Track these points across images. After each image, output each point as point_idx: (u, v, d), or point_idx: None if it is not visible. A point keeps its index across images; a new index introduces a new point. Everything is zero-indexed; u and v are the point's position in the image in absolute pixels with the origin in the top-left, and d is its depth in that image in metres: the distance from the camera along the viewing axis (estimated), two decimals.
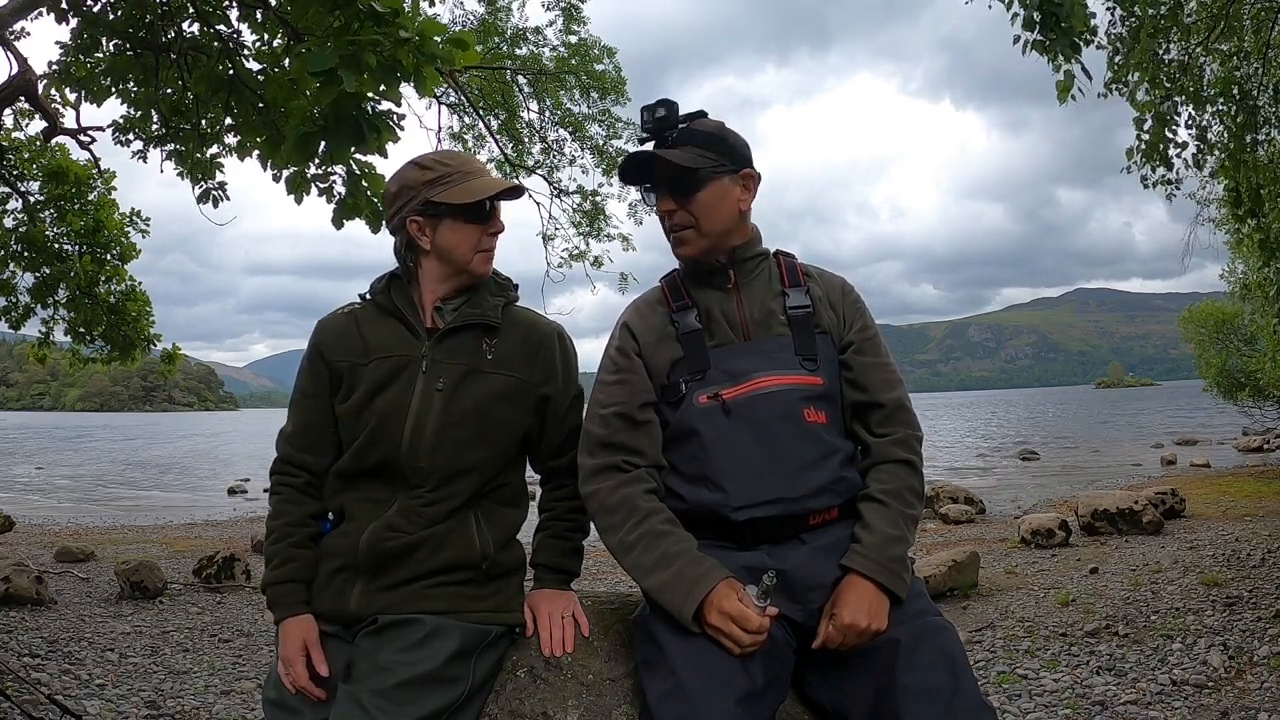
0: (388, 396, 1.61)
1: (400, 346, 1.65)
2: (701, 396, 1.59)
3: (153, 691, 4.23)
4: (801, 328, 1.65)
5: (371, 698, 1.41)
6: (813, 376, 1.61)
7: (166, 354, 9.66)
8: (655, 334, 1.67)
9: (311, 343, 1.71)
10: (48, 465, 30.17)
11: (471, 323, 1.66)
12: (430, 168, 1.65)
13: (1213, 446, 20.63)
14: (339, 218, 4.11)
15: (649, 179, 1.67)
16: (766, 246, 1.75)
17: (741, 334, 1.65)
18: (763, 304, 1.67)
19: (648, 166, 1.66)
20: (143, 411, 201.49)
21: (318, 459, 1.68)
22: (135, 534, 11.65)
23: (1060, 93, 4.78)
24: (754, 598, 1.39)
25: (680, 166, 1.61)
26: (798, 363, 1.62)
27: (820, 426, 1.59)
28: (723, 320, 1.66)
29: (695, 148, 1.62)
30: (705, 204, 1.63)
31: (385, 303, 1.69)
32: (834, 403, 1.63)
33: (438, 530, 1.57)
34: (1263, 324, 12.28)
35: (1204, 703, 3.62)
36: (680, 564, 1.46)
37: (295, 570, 1.61)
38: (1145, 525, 7.82)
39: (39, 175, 8.30)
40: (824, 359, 1.64)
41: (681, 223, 1.64)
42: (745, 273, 1.69)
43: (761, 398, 1.58)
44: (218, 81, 4.24)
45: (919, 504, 1.61)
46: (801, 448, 1.56)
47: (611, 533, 1.55)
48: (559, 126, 11.29)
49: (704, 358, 1.62)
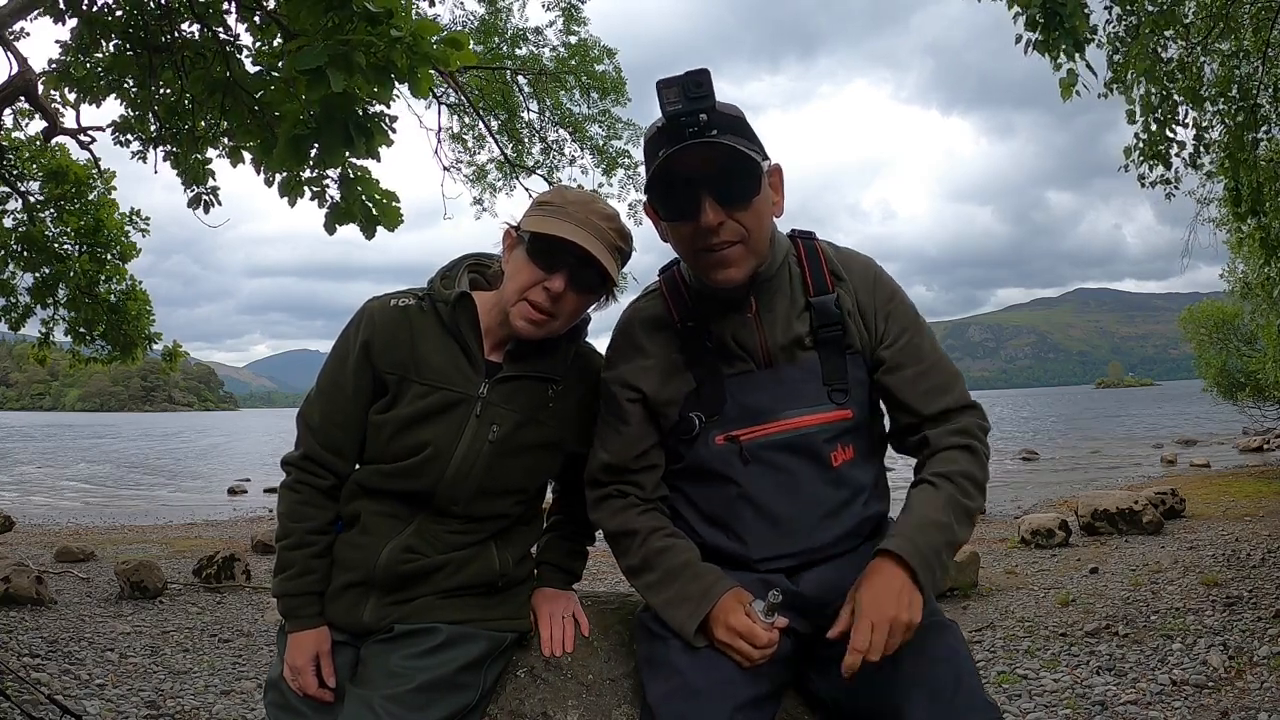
0: (434, 431, 1.50)
1: (456, 379, 1.52)
2: (718, 437, 1.44)
3: (153, 691, 4.23)
4: (830, 349, 1.45)
5: (384, 703, 1.40)
6: (842, 410, 1.44)
7: (168, 352, 9.67)
8: (660, 370, 1.48)
9: (359, 337, 1.54)
10: (47, 465, 30.16)
11: (537, 375, 1.55)
12: (549, 195, 1.52)
13: (1213, 446, 20.61)
14: (331, 222, 4.04)
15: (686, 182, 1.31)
16: (782, 233, 1.51)
17: (762, 358, 1.45)
18: (786, 324, 1.45)
19: (693, 164, 1.29)
20: (143, 411, 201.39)
21: (345, 464, 1.58)
22: (135, 534, 11.64)
23: (1064, 90, 4.79)
24: (760, 613, 1.35)
25: (743, 163, 1.29)
26: (825, 395, 1.44)
27: (848, 464, 1.45)
28: (740, 348, 1.46)
29: (736, 136, 1.30)
30: (759, 211, 1.35)
31: (449, 321, 1.53)
32: (865, 431, 1.49)
33: (457, 556, 1.54)
34: (1263, 324, 12.28)
35: (1204, 703, 3.62)
36: (681, 582, 1.41)
37: (314, 582, 1.54)
38: (1145, 525, 7.82)
39: (39, 175, 8.31)
40: (854, 382, 1.46)
41: (731, 237, 1.33)
42: (766, 292, 1.45)
43: (784, 443, 1.43)
44: (213, 83, 4.23)
45: (978, 495, 1.40)
46: (827, 493, 1.44)
47: (621, 559, 1.52)
48: (559, 127, 11.29)
49: (720, 391, 1.45)
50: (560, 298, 1.44)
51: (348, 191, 3.94)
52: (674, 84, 1.26)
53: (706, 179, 1.29)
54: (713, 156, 1.28)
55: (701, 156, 1.27)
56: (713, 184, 1.29)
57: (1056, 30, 4.26)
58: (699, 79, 1.25)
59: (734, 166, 1.29)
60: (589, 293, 1.50)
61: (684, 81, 1.26)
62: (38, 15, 4.95)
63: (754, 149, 1.31)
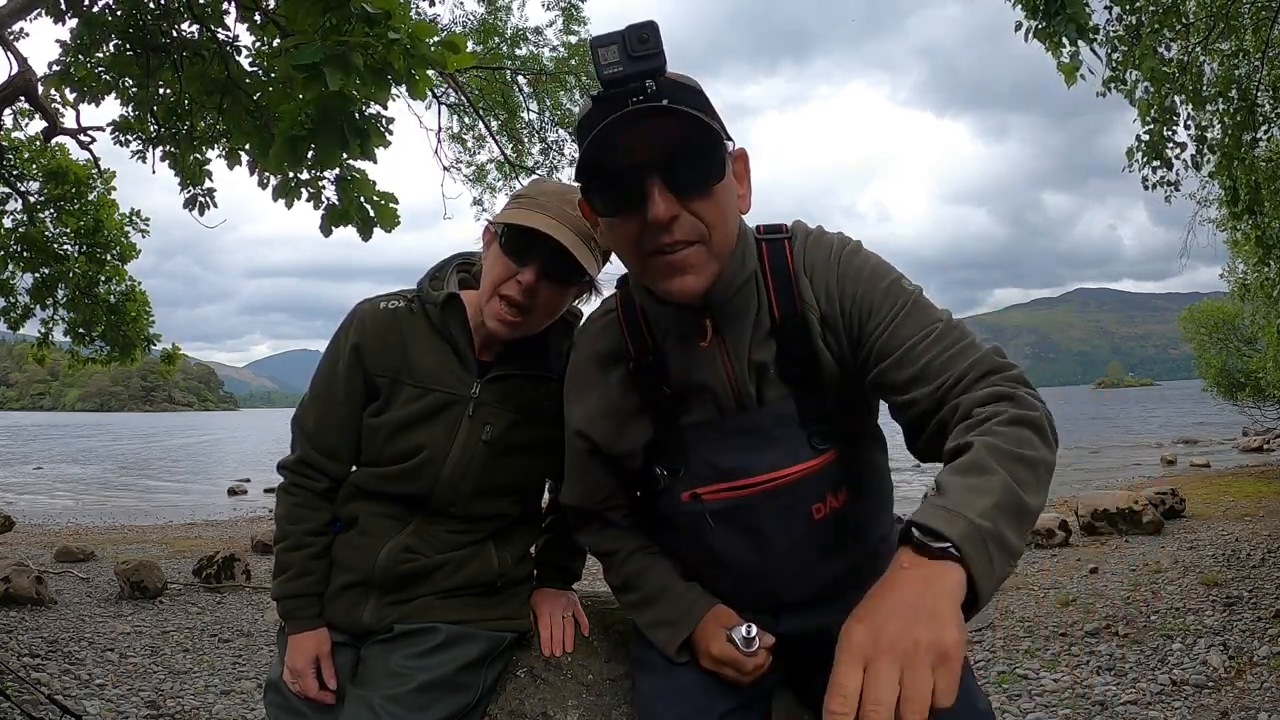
0: (428, 434, 1.50)
1: (448, 380, 1.51)
2: (684, 494, 1.26)
3: (153, 691, 4.23)
4: (806, 387, 1.19)
5: (384, 703, 1.40)
6: (822, 456, 1.21)
7: (166, 354, 9.67)
8: (615, 415, 1.27)
9: (349, 340, 1.54)
10: (48, 465, 30.16)
11: (530, 374, 1.53)
12: (525, 188, 1.48)
13: (1213, 446, 20.61)
14: (327, 224, 4.02)
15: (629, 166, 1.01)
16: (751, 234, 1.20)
17: (729, 400, 1.20)
18: (750, 355, 1.19)
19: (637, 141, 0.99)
20: (142, 411, 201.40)
21: (340, 467, 1.58)
22: (135, 534, 11.64)
23: (1068, 75, 4.80)
24: (739, 642, 1.29)
25: (702, 138, 0.99)
26: (804, 440, 1.20)
27: (835, 511, 1.25)
28: (701, 390, 1.21)
29: (691, 109, 0.98)
30: (722, 202, 1.05)
31: (438, 322, 1.52)
32: (854, 460, 1.26)
33: (456, 556, 1.54)
34: (1264, 324, 12.28)
35: (1204, 703, 3.62)
36: (659, 605, 1.37)
37: (312, 584, 1.55)
38: (1145, 525, 7.82)
39: (39, 175, 8.31)
40: (838, 410, 1.21)
41: (688, 235, 1.03)
42: (727, 315, 1.17)
43: (757, 503, 1.22)
44: (211, 83, 4.23)
45: (1028, 438, 0.91)
46: (809, 547, 1.27)
47: (605, 575, 1.49)
48: (559, 127, 11.28)
49: (680, 443, 1.24)
50: (533, 291, 1.40)
51: (344, 193, 3.94)
52: (612, 41, 0.95)
53: (655, 161, 0.99)
54: (663, 131, 0.97)
55: (648, 131, 0.97)
56: (663, 167, 0.99)
57: (1058, 15, 4.26)
58: (644, 34, 0.94)
59: (690, 144, 0.99)
60: (563, 285, 1.44)
61: (625, 36, 0.94)
62: (38, 15, 4.95)
63: (715, 122, 1.01)
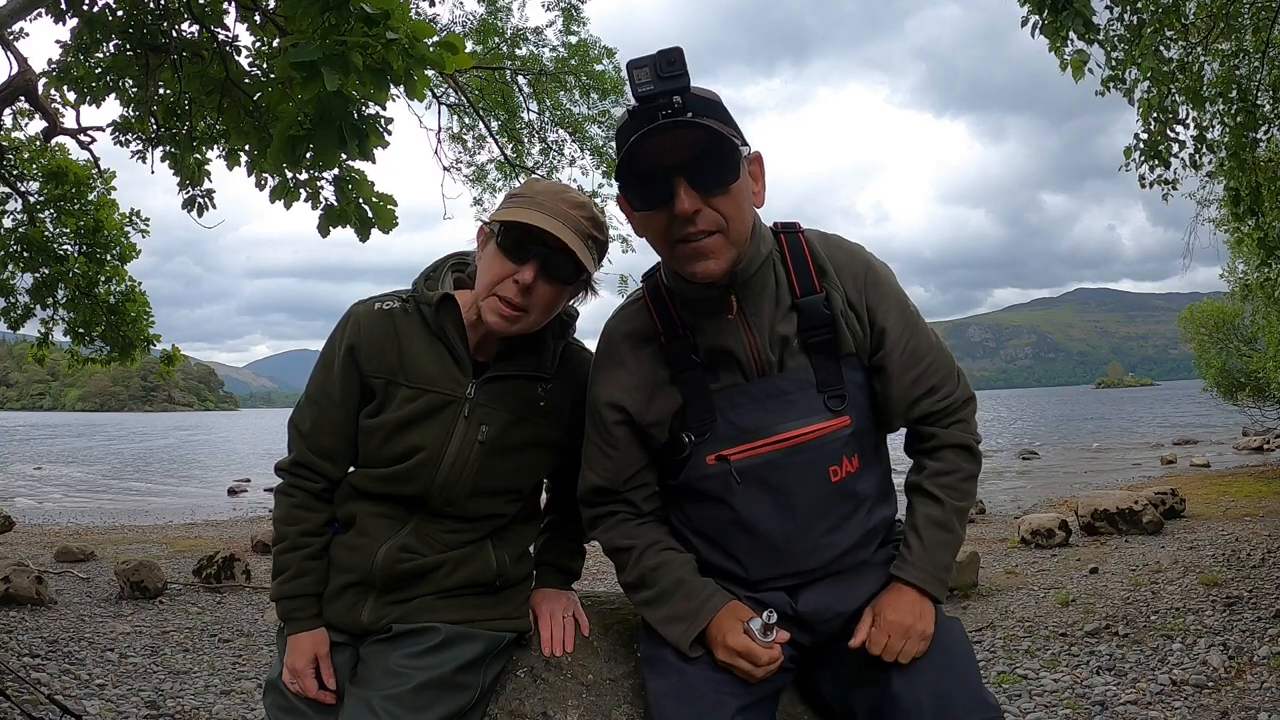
0: (424, 434, 1.50)
1: (443, 381, 1.51)
2: (709, 457, 1.37)
3: (153, 691, 4.23)
4: (822, 354, 1.37)
5: (383, 703, 1.40)
6: (839, 418, 1.37)
7: (166, 355, 9.66)
8: (646, 387, 1.41)
9: (344, 343, 1.54)
10: (47, 465, 30.15)
11: (525, 374, 1.54)
12: (520, 187, 1.51)
13: (1213, 446, 20.61)
14: (325, 225, 4.01)
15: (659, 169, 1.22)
16: (766, 225, 1.42)
17: (752, 368, 1.37)
18: (773, 328, 1.37)
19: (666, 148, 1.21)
20: (142, 411, 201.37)
21: (336, 468, 1.58)
22: (135, 534, 11.64)
23: (1075, 70, 4.81)
24: (757, 632, 1.33)
25: (720, 145, 1.20)
26: (821, 403, 1.36)
27: (850, 476, 1.39)
28: (727, 357, 1.38)
29: (714, 120, 1.22)
30: (739, 198, 1.25)
31: (433, 323, 1.52)
32: (865, 436, 1.42)
33: (454, 555, 1.54)
34: (1264, 324, 12.28)
35: (1204, 703, 3.62)
36: (675, 600, 1.39)
37: (310, 584, 1.54)
38: (1145, 525, 7.82)
39: (39, 175, 8.30)
40: (851, 386, 1.39)
41: (709, 226, 1.24)
42: (750, 292, 1.36)
43: (780, 459, 1.36)
44: (211, 83, 4.22)
45: (974, 491, 1.46)
46: (826, 510, 1.39)
47: (619, 574, 1.51)
48: (559, 127, 11.27)
49: (708, 407, 1.37)
50: (531, 290, 1.40)
51: (342, 194, 3.93)
52: (645, 64, 1.16)
53: (681, 164, 1.20)
54: (688, 139, 1.19)
55: (675, 139, 1.18)
56: (688, 169, 1.20)
57: (1065, 10, 4.25)
58: (671, 57, 1.16)
59: (711, 150, 1.20)
60: (562, 283, 1.44)
61: (656, 61, 1.16)
62: (38, 15, 4.95)
63: (733, 133, 1.23)
